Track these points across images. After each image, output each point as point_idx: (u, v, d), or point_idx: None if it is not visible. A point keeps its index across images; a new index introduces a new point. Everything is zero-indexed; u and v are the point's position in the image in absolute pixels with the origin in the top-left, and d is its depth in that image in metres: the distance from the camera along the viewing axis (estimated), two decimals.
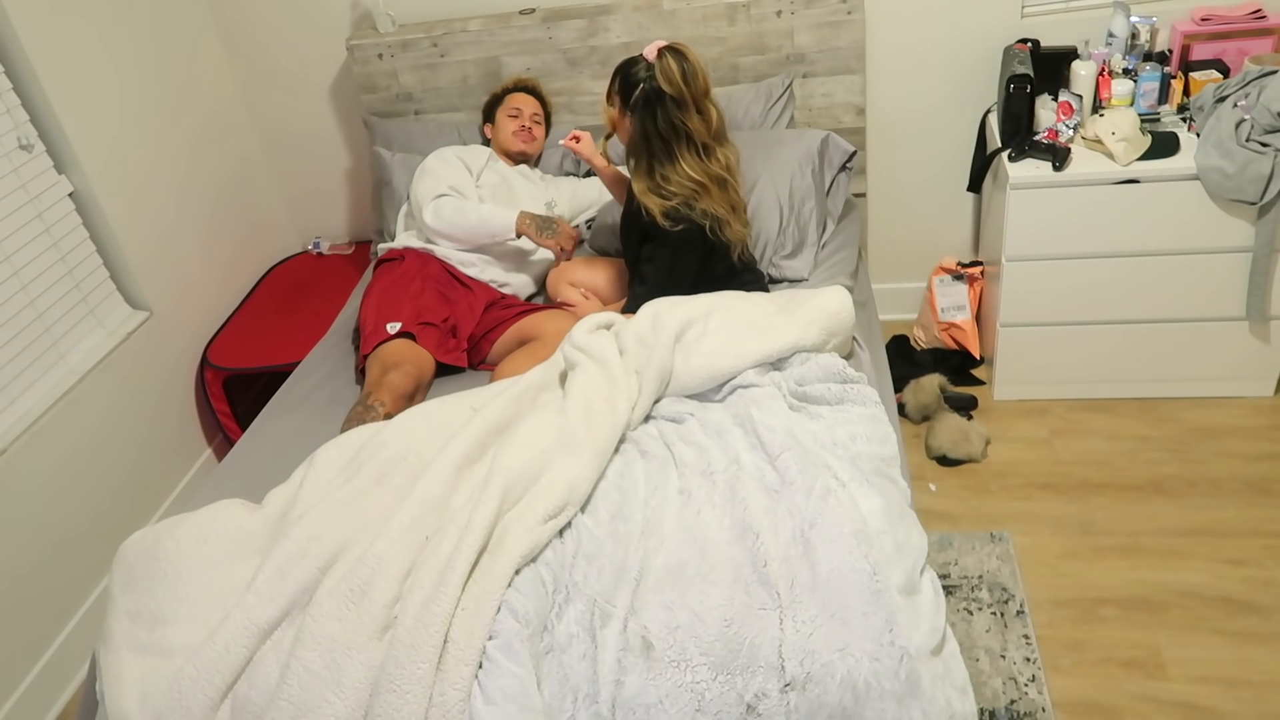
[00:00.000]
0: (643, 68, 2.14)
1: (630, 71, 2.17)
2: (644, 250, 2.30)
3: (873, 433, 1.86)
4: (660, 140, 2.16)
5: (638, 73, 2.15)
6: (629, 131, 2.22)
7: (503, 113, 2.77)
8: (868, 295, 2.65)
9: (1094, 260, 2.54)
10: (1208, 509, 2.39)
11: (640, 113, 2.15)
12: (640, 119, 2.16)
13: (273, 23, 3.07)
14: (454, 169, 2.63)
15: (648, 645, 1.48)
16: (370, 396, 2.21)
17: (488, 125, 2.83)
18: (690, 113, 2.15)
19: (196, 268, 3.01)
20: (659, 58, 2.12)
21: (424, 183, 2.62)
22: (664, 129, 2.15)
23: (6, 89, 2.42)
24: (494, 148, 2.80)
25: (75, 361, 2.56)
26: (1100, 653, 2.09)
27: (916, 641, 1.45)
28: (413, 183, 2.69)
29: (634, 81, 2.15)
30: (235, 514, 1.79)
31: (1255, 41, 2.54)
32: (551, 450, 1.80)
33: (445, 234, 2.58)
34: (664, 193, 2.20)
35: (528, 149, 2.77)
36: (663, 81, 2.11)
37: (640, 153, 2.21)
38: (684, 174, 2.18)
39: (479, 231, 2.56)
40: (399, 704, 1.42)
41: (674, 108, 2.13)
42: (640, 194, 2.23)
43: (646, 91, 2.13)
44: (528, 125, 2.76)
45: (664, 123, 2.14)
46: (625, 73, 2.18)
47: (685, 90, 2.13)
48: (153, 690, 1.53)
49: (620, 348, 2.07)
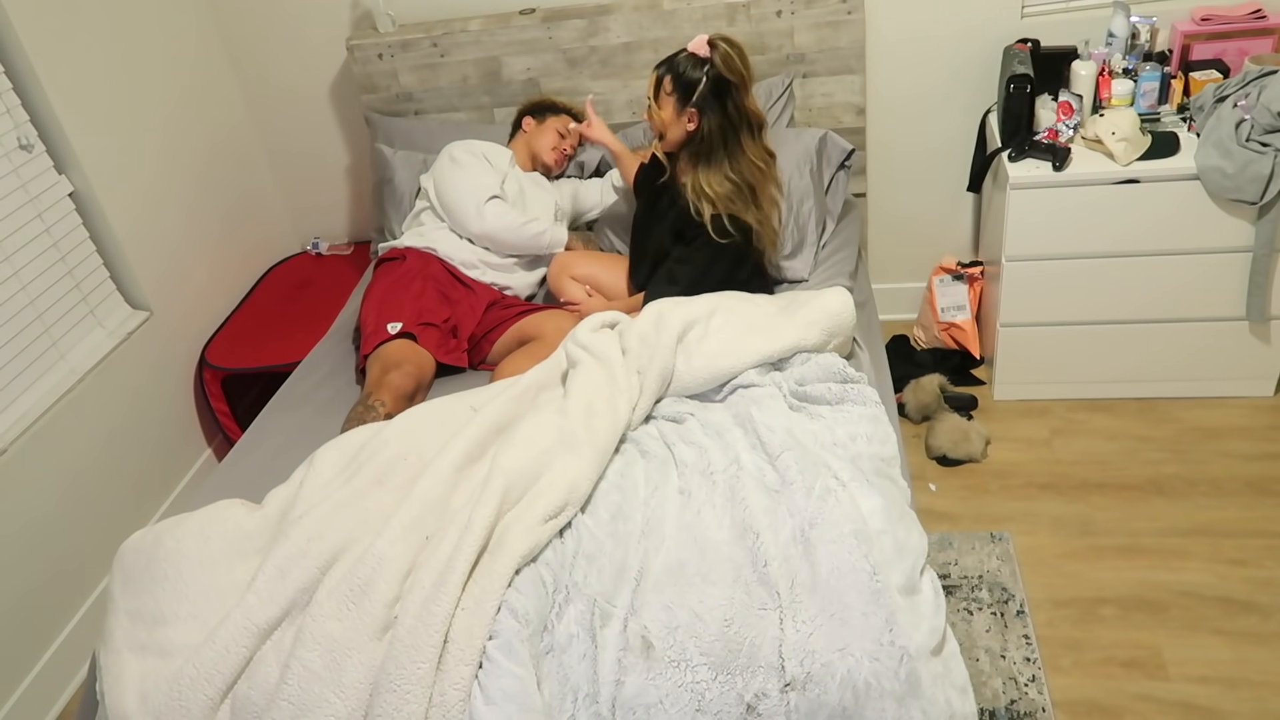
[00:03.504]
0: (695, 63, 2.12)
1: (683, 69, 2.14)
2: (677, 250, 2.28)
3: (873, 433, 1.86)
4: (732, 129, 2.16)
5: (691, 68, 2.12)
6: (688, 131, 2.18)
7: (554, 125, 2.75)
8: (868, 295, 2.65)
9: (1094, 260, 2.54)
10: (1208, 509, 2.39)
11: (710, 107, 2.13)
12: (711, 113, 2.14)
13: (273, 22, 3.07)
14: (484, 166, 2.61)
15: (648, 645, 1.48)
16: (371, 396, 2.21)
17: (529, 119, 2.78)
18: (749, 95, 2.18)
19: (196, 268, 3.01)
20: (713, 49, 2.12)
21: (460, 177, 2.57)
22: (734, 116, 2.15)
23: (6, 89, 2.42)
24: (520, 144, 2.76)
25: (75, 361, 2.56)
26: (1100, 653, 2.09)
27: (916, 641, 1.45)
28: (436, 171, 2.65)
29: (693, 78, 2.12)
30: (235, 514, 1.79)
31: (1255, 41, 2.54)
32: (552, 450, 1.80)
33: (492, 236, 2.56)
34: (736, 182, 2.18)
35: (555, 170, 2.78)
36: (725, 70, 2.11)
37: (710, 146, 2.18)
38: (749, 161, 2.18)
39: (529, 246, 2.60)
40: (399, 704, 1.42)
41: (738, 94, 2.14)
42: (710, 188, 2.19)
43: (714, 83, 2.11)
44: (570, 151, 2.77)
45: (733, 111, 2.14)
46: (677, 72, 2.15)
47: (745, 74, 2.15)
48: (153, 690, 1.53)
49: (623, 347, 2.07)
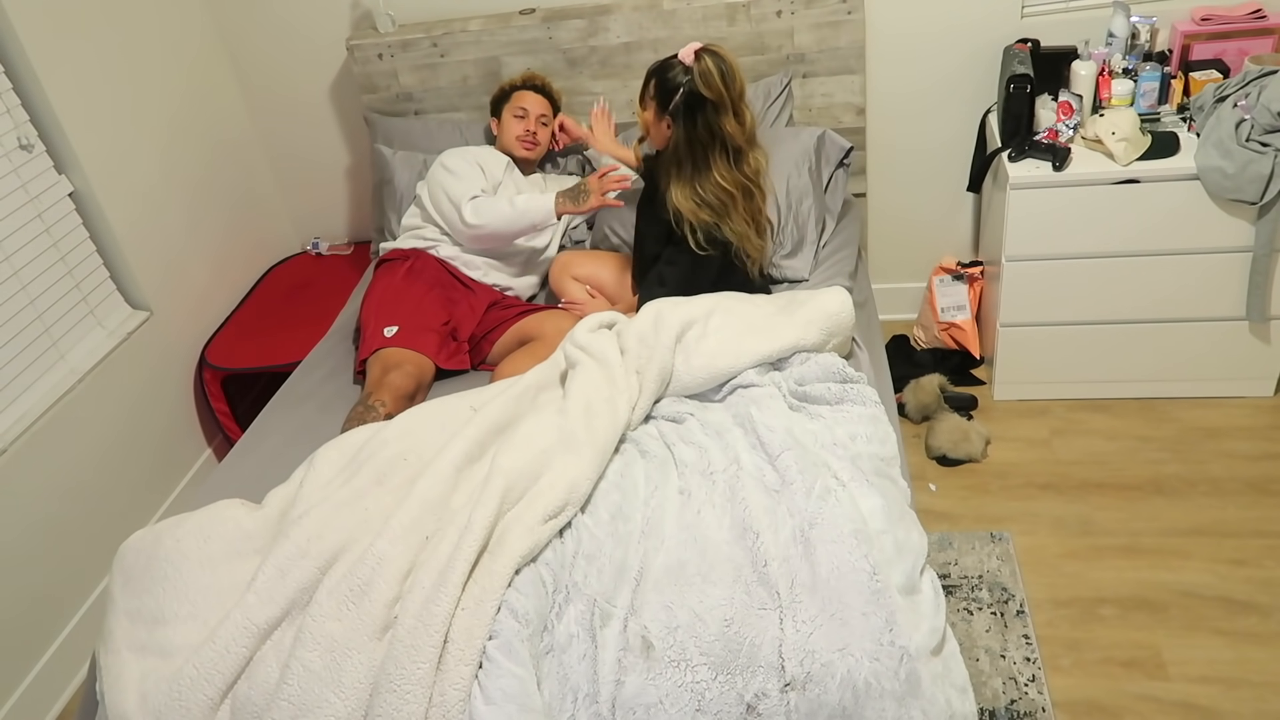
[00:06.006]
0: (680, 71, 2.08)
1: (667, 75, 2.10)
2: (667, 251, 2.27)
3: (873, 432, 1.86)
4: (700, 146, 2.11)
5: (675, 76, 2.08)
6: (666, 137, 2.16)
7: (509, 111, 2.70)
8: (867, 295, 2.65)
9: (1094, 260, 2.54)
10: (1208, 509, 2.39)
11: (681, 119, 2.09)
12: (680, 125, 2.10)
13: (273, 22, 3.07)
14: (475, 170, 2.58)
15: (648, 645, 1.48)
16: (371, 396, 2.21)
17: (494, 121, 2.77)
18: (728, 116, 2.09)
19: (196, 268, 3.01)
20: (697, 60, 2.06)
21: (451, 182, 2.55)
22: (703, 135, 2.09)
23: (6, 89, 2.42)
24: (498, 145, 2.75)
25: (75, 361, 2.56)
26: (1100, 653, 2.09)
27: (916, 641, 1.45)
28: (430, 181, 2.63)
29: (672, 86, 2.08)
30: (235, 514, 1.79)
31: (1255, 41, 2.53)
32: (551, 450, 1.80)
33: (485, 231, 2.51)
34: (699, 200, 2.15)
35: (531, 156, 2.72)
36: (702, 86, 2.05)
37: (679, 159, 2.15)
38: (715, 182, 2.13)
39: (520, 223, 2.49)
40: (399, 704, 1.42)
41: (712, 113, 2.07)
42: (677, 200, 2.16)
43: (687, 96, 2.06)
44: (533, 129, 2.68)
45: (703, 129, 2.08)
46: (662, 76, 2.11)
47: (725, 93, 2.07)
48: (153, 690, 1.53)
49: (621, 347, 2.07)
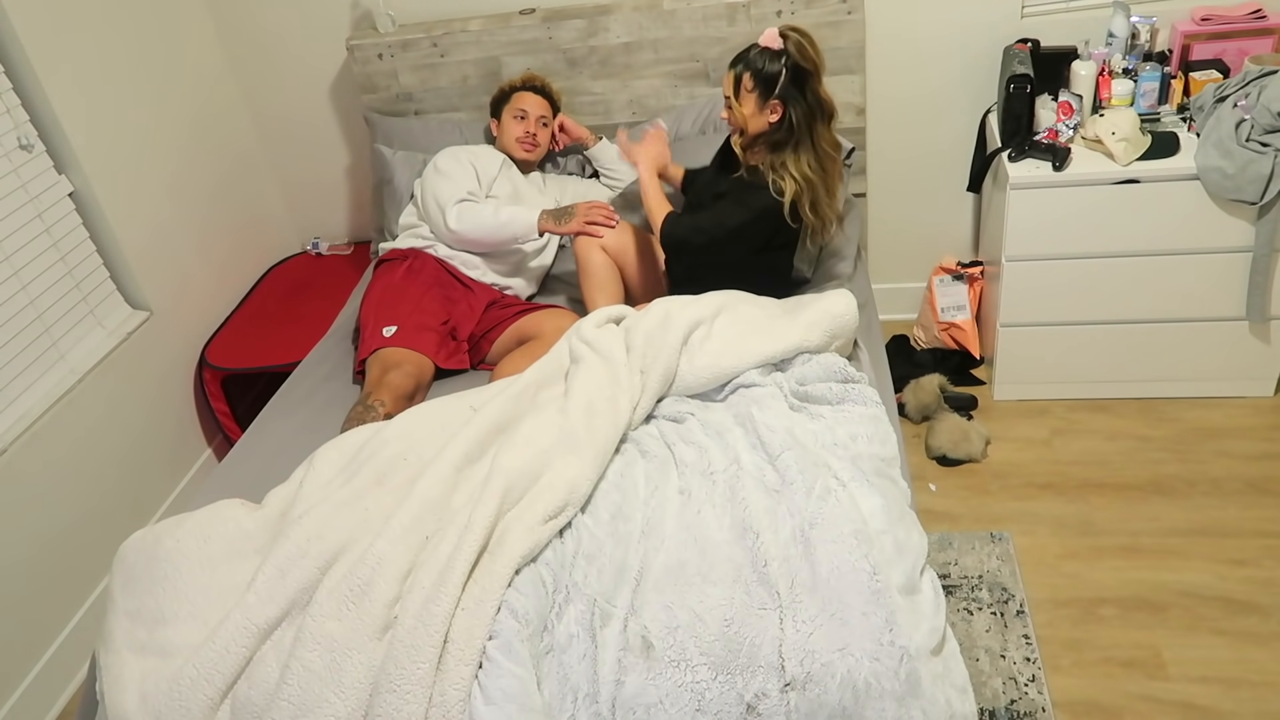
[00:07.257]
0: (769, 56, 2.14)
1: (761, 64, 2.16)
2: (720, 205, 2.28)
3: (873, 433, 1.86)
4: (813, 117, 2.19)
5: (769, 61, 2.15)
6: (770, 121, 2.20)
7: (508, 113, 2.71)
8: (868, 295, 2.64)
9: (1094, 260, 2.54)
10: (1208, 509, 2.39)
11: (791, 97, 2.16)
12: (793, 103, 2.16)
13: (273, 23, 3.07)
14: (467, 171, 2.58)
15: (648, 645, 1.48)
16: (370, 396, 2.21)
17: (494, 122, 2.78)
18: (822, 82, 2.20)
19: (196, 268, 3.01)
20: (786, 39, 2.14)
21: (440, 184, 2.56)
22: (812, 104, 2.18)
23: (6, 89, 2.42)
24: (498, 146, 2.75)
25: (75, 361, 2.56)
26: (1100, 653, 2.09)
27: (916, 641, 1.45)
28: (423, 181, 2.65)
29: (773, 72, 2.15)
30: (235, 514, 1.79)
31: (1255, 41, 2.53)
32: (552, 450, 1.80)
33: (467, 238, 2.53)
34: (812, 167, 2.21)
35: (530, 158, 2.72)
36: (800, 59, 2.14)
37: (796, 136, 2.20)
38: (824, 149, 2.21)
39: (502, 234, 2.51)
40: (399, 704, 1.42)
41: (814, 82, 2.17)
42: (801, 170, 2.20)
43: (793, 73, 2.14)
44: (533, 131, 2.68)
45: (811, 99, 2.18)
46: (755, 67, 2.16)
47: (819, 61, 2.17)
48: (153, 690, 1.53)
49: (628, 344, 2.06)
